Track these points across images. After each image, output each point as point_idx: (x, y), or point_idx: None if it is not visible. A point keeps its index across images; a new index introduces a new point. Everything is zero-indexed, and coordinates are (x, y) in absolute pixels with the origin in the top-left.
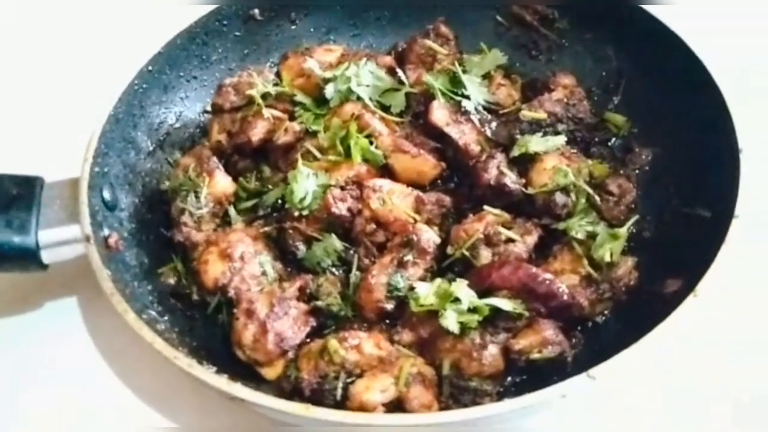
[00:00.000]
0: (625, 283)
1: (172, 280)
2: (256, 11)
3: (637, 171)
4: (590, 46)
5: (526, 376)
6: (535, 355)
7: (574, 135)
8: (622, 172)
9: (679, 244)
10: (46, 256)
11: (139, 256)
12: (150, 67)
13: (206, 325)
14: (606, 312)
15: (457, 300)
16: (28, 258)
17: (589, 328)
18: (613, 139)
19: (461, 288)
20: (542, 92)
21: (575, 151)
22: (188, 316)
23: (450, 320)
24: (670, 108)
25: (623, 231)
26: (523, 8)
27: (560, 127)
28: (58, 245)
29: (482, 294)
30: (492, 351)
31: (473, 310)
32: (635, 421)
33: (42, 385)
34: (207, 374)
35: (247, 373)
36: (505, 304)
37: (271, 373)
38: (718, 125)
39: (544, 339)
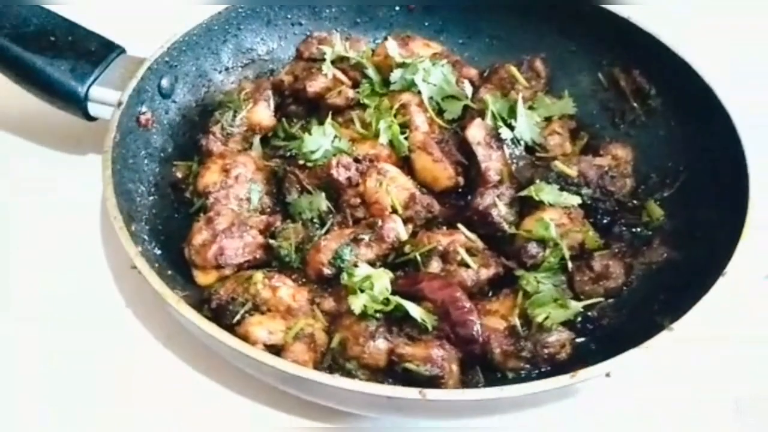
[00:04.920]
0: (550, 353)
1: (179, 174)
2: None
3: (643, 266)
4: (671, 135)
5: (403, 384)
6: (412, 366)
7: (596, 205)
8: (628, 260)
9: (627, 345)
10: (92, 109)
11: (166, 143)
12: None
13: (182, 220)
14: (522, 371)
15: (372, 286)
16: (75, 102)
17: (498, 378)
18: (641, 228)
19: (381, 278)
20: (589, 153)
21: (585, 218)
22: (173, 208)
23: (356, 301)
24: (709, 225)
25: (574, 305)
26: (624, 73)
27: (584, 190)
28: (103, 103)
29: (408, 297)
30: (378, 344)
31: (386, 302)
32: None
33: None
34: (125, 238)
35: (186, 273)
36: (416, 311)
37: (202, 278)
38: (724, 247)
39: (428, 356)
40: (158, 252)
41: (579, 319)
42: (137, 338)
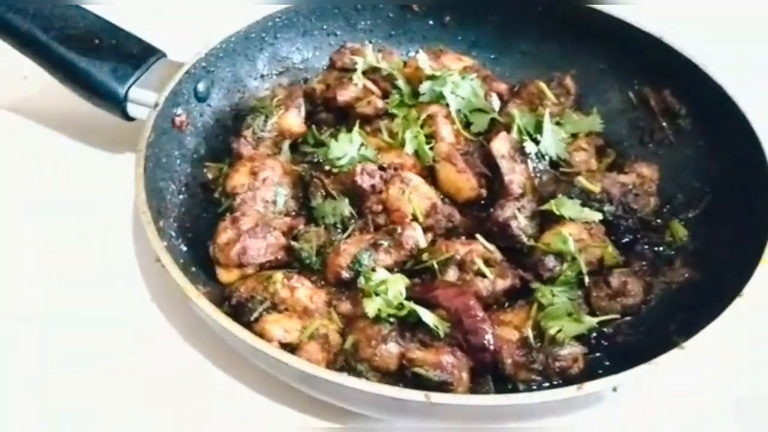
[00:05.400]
0: (562, 367)
1: (210, 175)
2: (415, 5)
3: (663, 285)
4: (699, 156)
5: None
6: (421, 371)
7: (618, 222)
8: (648, 278)
9: (640, 362)
10: (131, 109)
11: (199, 145)
12: (297, 9)
13: (210, 220)
14: (533, 384)
15: (387, 290)
16: (114, 102)
17: (509, 389)
18: (664, 248)
19: (396, 282)
20: (615, 171)
21: (607, 236)
22: (202, 207)
23: (371, 304)
24: (730, 246)
25: (588, 320)
26: (654, 92)
27: (607, 207)
28: (142, 104)
29: (423, 303)
30: (390, 348)
31: (400, 306)
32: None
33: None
34: (152, 232)
35: (210, 271)
36: (429, 317)
37: (224, 276)
38: (743, 269)
39: (438, 362)
40: (184, 249)
41: (594, 334)
42: (160, 331)
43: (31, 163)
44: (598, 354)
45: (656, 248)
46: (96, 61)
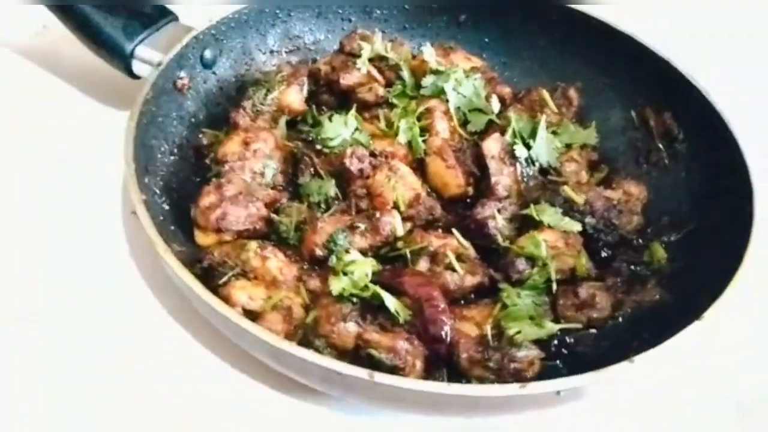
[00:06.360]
0: (517, 369)
1: (205, 141)
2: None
3: (634, 303)
4: (690, 180)
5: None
6: (375, 353)
7: (598, 236)
8: (620, 295)
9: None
10: (136, 67)
11: (198, 110)
12: None
13: (198, 184)
14: (486, 382)
15: (352, 271)
16: (120, 58)
17: (462, 381)
18: (641, 267)
19: (363, 266)
20: (602, 185)
21: (585, 248)
22: (192, 171)
23: (336, 282)
24: (708, 275)
25: (549, 326)
26: (655, 113)
27: (588, 219)
28: (147, 63)
29: (388, 289)
30: (348, 327)
31: (365, 288)
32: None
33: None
34: (132, 183)
35: (189, 233)
36: (391, 302)
37: (201, 239)
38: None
39: (392, 346)
40: (166, 207)
41: (555, 342)
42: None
43: (38, 113)
44: (557, 362)
45: (633, 267)
46: (107, 16)
